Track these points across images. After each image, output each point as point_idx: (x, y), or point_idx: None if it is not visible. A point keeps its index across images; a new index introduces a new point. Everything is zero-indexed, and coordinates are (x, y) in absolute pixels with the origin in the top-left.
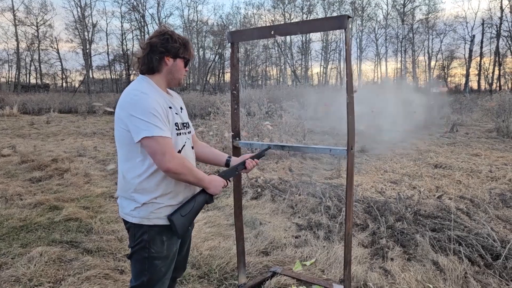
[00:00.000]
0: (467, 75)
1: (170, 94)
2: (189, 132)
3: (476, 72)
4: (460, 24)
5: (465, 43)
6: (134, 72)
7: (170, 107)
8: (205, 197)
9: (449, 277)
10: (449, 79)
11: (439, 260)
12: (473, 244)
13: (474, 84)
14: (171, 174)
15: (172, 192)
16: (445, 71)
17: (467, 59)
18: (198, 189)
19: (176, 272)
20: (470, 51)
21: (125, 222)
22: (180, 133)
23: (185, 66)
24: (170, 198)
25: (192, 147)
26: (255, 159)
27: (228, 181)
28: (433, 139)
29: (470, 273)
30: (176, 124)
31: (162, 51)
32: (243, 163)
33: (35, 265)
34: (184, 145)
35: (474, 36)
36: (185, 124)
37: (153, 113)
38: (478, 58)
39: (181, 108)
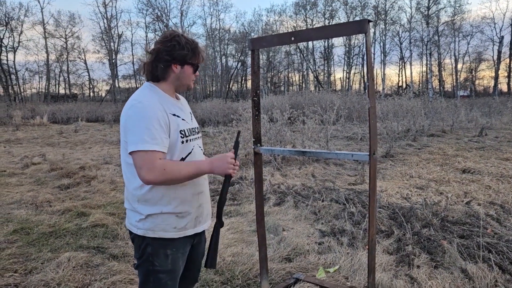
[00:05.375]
0: (496, 77)
1: (179, 98)
2: (199, 137)
3: (506, 74)
4: (487, 25)
5: (494, 45)
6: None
7: (175, 114)
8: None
9: (478, 285)
10: (477, 81)
11: (467, 268)
12: (503, 251)
13: (503, 87)
14: (158, 185)
15: (177, 199)
16: (473, 73)
17: (496, 61)
18: (207, 191)
19: (187, 283)
20: (499, 52)
21: (130, 232)
22: (187, 140)
23: (195, 71)
24: (176, 206)
25: (202, 151)
26: (236, 161)
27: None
28: (460, 143)
29: (501, 281)
30: (181, 131)
31: (167, 59)
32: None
33: (63, 270)
34: (190, 152)
35: (503, 37)
36: (194, 130)
37: (145, 125)
38: (508, 60)
39: (190, 113)
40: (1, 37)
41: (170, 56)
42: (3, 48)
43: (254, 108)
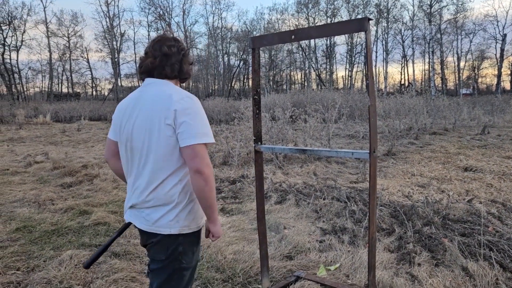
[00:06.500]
0: (498, 75)
1: None
2: None
3: (509, 72)
4: (490, 23)
5: (496, 43)
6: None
7: None
8: None
9: (479, 283)
10: (479, 80)
11: (468, 266)
12: (504, 249)
13: (506, 85)
14: (199, 179)
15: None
16: (476, 71)
17: (499, 59)
18: None
19: None
20: (502, 50)
21: (153, 235)
22: None
23: None
24: None
25: None
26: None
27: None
28: (463, 141)
29: (502, 279)
30: None
31: (193, 61)
32: None
33: (65, 267)
34: None
35: (505, 35)
36: None
37: (203, 119)
38: (511, 58)
39: None
40: (4, 36)
41: (189, 58)
42: (6, 47)
43: (254, 106)
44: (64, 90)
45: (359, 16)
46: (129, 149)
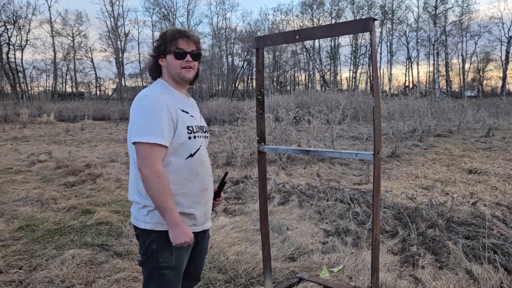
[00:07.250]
0: (504, 78)
1: (189, 97)
2: (207, 138)
3: None
4: (495, 25)
5: (502, 45)
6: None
7: (184, 110)
8: None
9: (483, 286)
10: (484, 82)
11: (472, 269)
12: (509, 252)
13: (511, 87)
14: (142, 180)
15: (186, 198)
16: (480, 74)
17: (504, 61)
18: (211, 189)
19: (190, 282)
20: (507, 52)
21: (135, 229)
22: (195, 137)
23: (177, 57)
24: (187, 207)
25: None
26: (217, 198)
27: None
28: (467, 143)
29: (506, 282)
30: (189, 127)
31: (155, 56)
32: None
33: (67, 267)
34: (198, 148)
35: (511, 37)
36: (201, 128)
37: (151, 117)
38: None
39: (200, 114)
40: (9, 35)
41: (154, 52)
42: (11, 47)
43: (258, 106)
44: (68, 89)
45: (364, 17)
46: None
